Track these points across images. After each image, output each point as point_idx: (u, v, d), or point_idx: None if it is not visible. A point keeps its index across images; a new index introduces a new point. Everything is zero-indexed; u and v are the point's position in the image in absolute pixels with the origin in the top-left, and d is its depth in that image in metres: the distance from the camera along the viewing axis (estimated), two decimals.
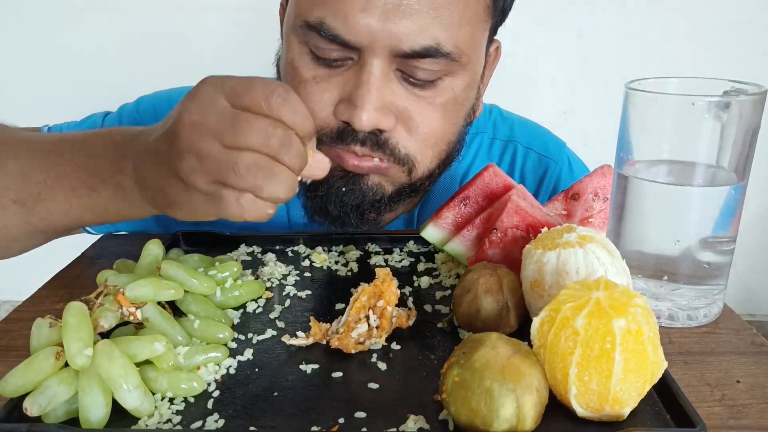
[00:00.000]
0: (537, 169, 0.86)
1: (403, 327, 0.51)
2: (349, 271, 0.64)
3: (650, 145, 0.53)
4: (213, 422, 0.41)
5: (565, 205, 0.65)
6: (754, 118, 0.50)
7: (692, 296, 0.53)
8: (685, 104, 0.48)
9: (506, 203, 0.61)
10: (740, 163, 0.51)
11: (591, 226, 0.64)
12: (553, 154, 0.86)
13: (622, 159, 0.53)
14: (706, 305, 0.53)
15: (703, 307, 0.53)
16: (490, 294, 0.49)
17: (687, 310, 0.53)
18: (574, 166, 0.88)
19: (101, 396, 0.41)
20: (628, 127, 0.52)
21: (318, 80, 0.63)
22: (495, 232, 0.58)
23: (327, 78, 0.63)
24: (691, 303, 0.53)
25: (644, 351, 0.38)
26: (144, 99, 0.87)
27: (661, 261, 0.52)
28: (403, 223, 0.83)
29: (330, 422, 0.40)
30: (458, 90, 0.65)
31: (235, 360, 0.48)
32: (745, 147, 0.50)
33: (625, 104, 0.52)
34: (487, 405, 0.36)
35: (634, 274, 0.53)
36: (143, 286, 0.47)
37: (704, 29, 1.57)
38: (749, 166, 0.52)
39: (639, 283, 0.53)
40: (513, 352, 0.39)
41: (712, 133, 0.49)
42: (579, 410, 0.39)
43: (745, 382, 0.45)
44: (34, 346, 0.43)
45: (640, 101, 0.51)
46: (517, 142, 0.87)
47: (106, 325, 0.44)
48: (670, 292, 0.52)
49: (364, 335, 0.49)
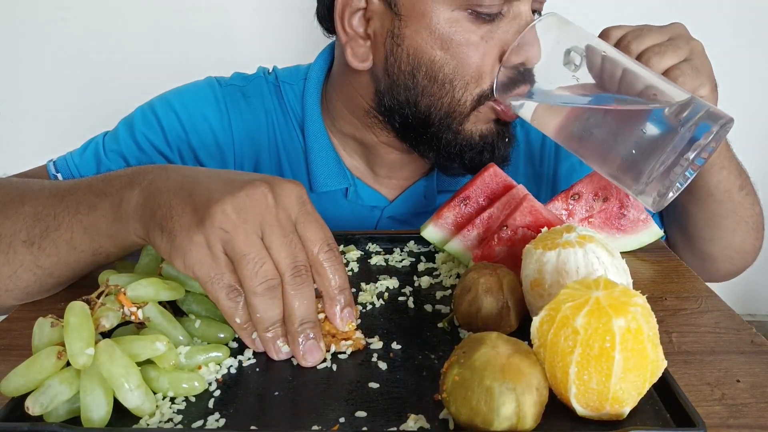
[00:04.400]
0: None
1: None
2: (350, 271, 0.64)
3: None
4: (214, 421, 0.41)
5: (565, 205, 0.65)
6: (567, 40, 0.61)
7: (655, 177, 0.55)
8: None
9: (510, 203, 0.61)
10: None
11: (591, 226, 0.64)
12: None
13: None
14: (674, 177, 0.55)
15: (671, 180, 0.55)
16: (490, 294, 0.49)
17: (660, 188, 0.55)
18: None
19: (103, 395, 0.41)
20: None
21: (486, 38, 0.67)
22: (505, 229, 0.58)
23: (490, 33, 0.67)
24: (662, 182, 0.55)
25: (644, 350, 0.38)
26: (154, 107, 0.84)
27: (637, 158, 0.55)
28: (423, 185, 0.85)
29: (330, 422, 0.41)
30: None
31: (236, 359, 0.48)
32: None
33: None
34: (488, 404, 0.37)
35: (632, 180, 0.56)
36: (144, 285, 0.47)
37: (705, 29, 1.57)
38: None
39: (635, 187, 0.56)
40: (513, 351, 0.39)
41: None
42: (579, 409, 0.39)
43: (745, 381, 0.45)
44: (36, 345, 0.43)
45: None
46: None
47: (107, 325, 0.44)
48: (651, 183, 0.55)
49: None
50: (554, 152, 0.88)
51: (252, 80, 0.87)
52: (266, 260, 0.46)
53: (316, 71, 0.84)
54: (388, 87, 0.73)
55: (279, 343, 0.47)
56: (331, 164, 0.82)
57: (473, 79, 0.68)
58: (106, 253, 0.56)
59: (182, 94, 0.85)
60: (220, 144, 0.83)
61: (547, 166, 0.89)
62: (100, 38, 1.62)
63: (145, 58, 1.63)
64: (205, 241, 0.45)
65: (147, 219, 0.49)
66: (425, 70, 0.69)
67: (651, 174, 0.54)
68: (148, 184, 0.51)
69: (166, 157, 0.82)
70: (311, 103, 0.82)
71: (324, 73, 0.84)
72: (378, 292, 0.59)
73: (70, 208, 0.55)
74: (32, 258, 0.56)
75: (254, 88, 0.85)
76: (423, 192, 0.85)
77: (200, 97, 0.84)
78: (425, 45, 0.68)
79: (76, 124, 1.59)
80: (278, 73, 0.87)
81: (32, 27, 1.61)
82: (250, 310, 0.46)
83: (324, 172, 0.82)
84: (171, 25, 1.62)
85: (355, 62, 0.73)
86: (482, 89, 0.69)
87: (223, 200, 0.46)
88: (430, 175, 0.84)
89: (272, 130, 0.84)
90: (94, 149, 0.82)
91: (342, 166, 0.83)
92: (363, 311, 0.55)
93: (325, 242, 0.48)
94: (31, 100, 1.68)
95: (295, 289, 0.46)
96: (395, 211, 0.85)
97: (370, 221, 0.85)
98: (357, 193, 0.84)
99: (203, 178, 0.50)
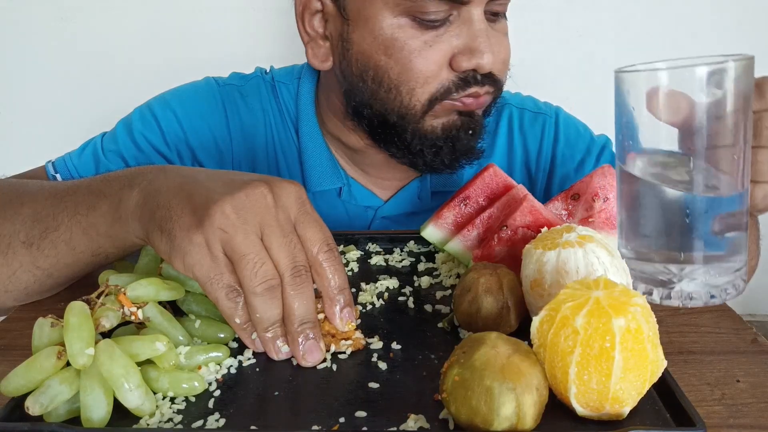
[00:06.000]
0: (534, 125, 0.89)
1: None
2: (350, 271, 0.64)
3: (647, 132, 0.50)
4: (214, 421, 0.41)
5: (565, 205, 0.65)
6: (748, 86, 0.47)
7: (713, 274, 0.50)
8: (678, 79, 0.45)
9: (510, 202, 0.61)
10: (738, 149, 0.47)
11: (591, 226, 0.64)
12: (545, 109, 0.91)
13: (622, 147, 0.51)
14: (726, 283, 0.50)
15: (725, 285, 0.50)
16: (490, 294, 0.49)
17: (709, 288, 0.50)
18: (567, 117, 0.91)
19: (102, 395, 0.41)
20: (621, 115, 0.50)
21: (430, 44, 0.67)
22: (505, 229, 0.58)
23: (437, 39, 0.67)
24: (711, 281, 0.50)
25: (644, 350, 0.38)
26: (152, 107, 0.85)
27: (675, 242, 0.50)
28: (417, 185, 0.85)
29: (330, 422, 0.41)
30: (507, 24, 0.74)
31: (236, 359, 0.48)
32: (741, 116, 0.47)
33: (617, 92, 0.49)
34: (487, 404, 0.37)
35: (649, 259, 0.51)
36: (144, 285, 0.47)
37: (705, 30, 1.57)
38: (748, 154, 0.48)
39: (657, 268, 0.51)
40: (513, 351, 0.39)
41: (708, 109, 0.46)
42: (579, 409, 0.39)
43: (745, 381, 0.45)
44: (36, 345, 0.43)
45: (631, 85, 0.48)
46: (511, 105, 0.90)
47: (107, 325, 0.44)
48: (690, 272, 0.50)
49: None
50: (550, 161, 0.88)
51: (249, 80, 0.87)
52: (266, 260, 0.46)
53: (310, 71, 0.84)
54: (348, 89, 0.73)
55: (279, 343, 0.47)
56: (325, 164, 0.82)
57: (419, 84, 0.68)
58: (105, 254, 0.56)
59: (180, 94, 0.85)
60: (218, 143, 0.83)
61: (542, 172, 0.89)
62: (100, 39, 1.62)
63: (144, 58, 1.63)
64: (205, 241, 0.45)
65: (146, 220, 0.49)
66: (372, 74, 0.69)
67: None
68: (147, 184, 0.51)
69: (165, 157, 0.82)
70: (305, 102, 0.83)
71: (317, 73, 0.84)
72: (378, 292, 0.59)
73: (68, 209, 0.55)
74: (31, 259, 0.56)
75: (252, 88, 0.86)
76: (417, 193, 0.85)
77: (198, 97, 0.84)
78: (370, 50, 0.68)
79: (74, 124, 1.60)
80: (275, 74, 0.88)
81: (32, 27, 1.61)
82: (249, 310, 0.46)
83: (318, 172, 0.82)
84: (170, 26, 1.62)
85: (315, 62, 0.74)
86: (431, 93, 0.68)
87: (223, 201, 0.46)
88: (424, 176, 0.84)
89: (269, 130, 0.85)
90: (92, 150, 0.82)
91: (336, 165, 0.83)
92: (363, 311, 0.55)
93: (324, 242, 0.48)
94: (31, 100, 1.68)
95: (294, 289, 0.46)
96: (389, 212, 0.85)
97: (364, 221, 0.86)
98: (351, 192, 0.84)
99: (202, 179, 0.50)
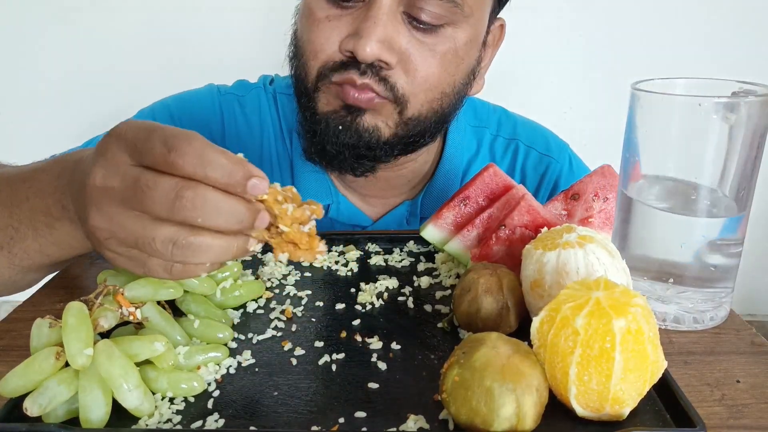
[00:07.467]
0: (538, 168, 0.87)
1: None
2: (349, 271, 0.64)
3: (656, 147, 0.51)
4: (213, 422, 0.41)
5: (565, 205, 0.65)
6: (763, 120, 0.48)
7: (699, 299, 0.52)
8: (693, 105, 0.47)
9: (509, 202, 0.61)
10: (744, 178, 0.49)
11: (591, 226, 0.64)
12: (554, 153, 0.88)
13: (628, 160, 0.52)
14: (712, 308, 0.52)
15: (710, 310, 0.52)
16: (490, 294, 0.49)
17: (693, 313, 0.52)
18: (574, 166, 0.89)
19: (101, 396, 0.41)
20: (634, 129, 0.51)
21: (330, 19, 0.67)
22: (503, 228, 0.58)
23: (338, 17, 0.66)
24: (698, 306, 0.52)
25: (644, 351, 0.38)
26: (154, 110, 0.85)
27: (667, 264, 0.52)
28: (407, 208, 0.84)
29: (330, 422, 0.40)
30: (459, 42, 0.68)
31: (235, 360, 0.48)
32: (752, 150, 0.48)
33: (631, 105, 0.51)
34: (487, 404, 0.36)
35: (639, 276, 0.52)
36: (142, 285, 0.47)
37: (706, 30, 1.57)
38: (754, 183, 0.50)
39: (644, 285, 0.53)
40: (513, 351, 0.39)
41: (720, 136, 0.48)
42: (579, 410, 0.39)
43: (745, 382, 0.45)
44: (34, 346, 0.43)
45: (646, 102, 0.50)
46: (519, 141, 0.88)
47: (105, 325, 0.44)
48: (676, 294, 0.52)
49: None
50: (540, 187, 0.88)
51: (251, 90, 0.87)
52: (158, 231, 0.40)
53: None
54: None
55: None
56: (313, 178, 0.81)
57: (312, 55, 0.68)
58: (85, 252, 0.56)
59: (182, 100, 0.86)
60: None
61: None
62: (100, 39, 1.62)
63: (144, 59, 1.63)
64: (112, 255, 0.43)
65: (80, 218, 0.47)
66: (294, 42, 0.72)
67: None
68: (74, 210, 0.49)
69: None
70: None
71: None
72: (378, 292, 0.59)
73: (27, 225, 0.53)
74: (6, 261, 0.56)
75: (252, 99, 0.86)
76: (406, 216, 0.84)
77: (198, 103, 0.85)
78: (299, 17, 0.71)
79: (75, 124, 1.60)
80: (277, 84, 0.87)
81: (32, 28, 1.61)
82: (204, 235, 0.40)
83: (305, 186, 0.81)
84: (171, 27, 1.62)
85: None
86: (317, 68, 0.68)
87: (89, 220, 0.42)
88: (415, 199, 0.84)
89: (264, 142, 0.84)
90: None
91: (326, 181, 0.81)
92: (363, 311, 0.55)
93: (164, 154, 0.39)
94: (31, 100, 1.68)
95: (202, 215, 0.40)
96: None
97: None
98: (339, 210, 0.82)
99: (77, 206, 0.47)
